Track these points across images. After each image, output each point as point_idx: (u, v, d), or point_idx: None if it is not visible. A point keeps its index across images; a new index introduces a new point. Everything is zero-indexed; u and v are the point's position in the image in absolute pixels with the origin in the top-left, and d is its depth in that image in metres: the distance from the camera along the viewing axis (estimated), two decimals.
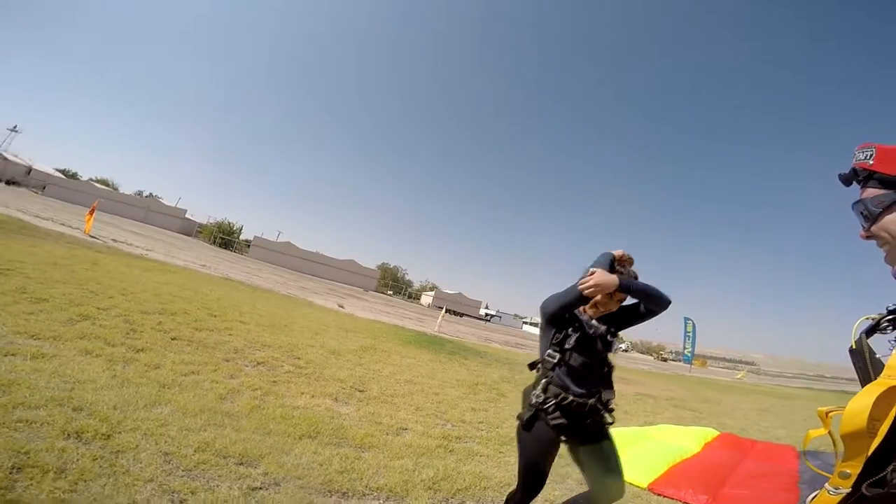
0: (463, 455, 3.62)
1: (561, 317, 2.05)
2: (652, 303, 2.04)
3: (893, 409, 0.80)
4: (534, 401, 1.96)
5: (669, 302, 2.06)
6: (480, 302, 64.87)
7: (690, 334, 29.52)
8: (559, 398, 1.93)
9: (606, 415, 2.02)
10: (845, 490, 0.84)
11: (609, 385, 2.05)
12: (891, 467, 0.79)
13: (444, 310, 22.13)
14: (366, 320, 12.64)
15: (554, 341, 2.03)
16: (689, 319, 30.25)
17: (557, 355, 2.00)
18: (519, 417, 2.03)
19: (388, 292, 59.23)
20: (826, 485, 0.87)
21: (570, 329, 2.03)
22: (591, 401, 1.94)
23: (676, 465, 3.42)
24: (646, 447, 3.75)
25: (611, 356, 2.09)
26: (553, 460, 2.01)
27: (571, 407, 1.92)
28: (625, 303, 2.11)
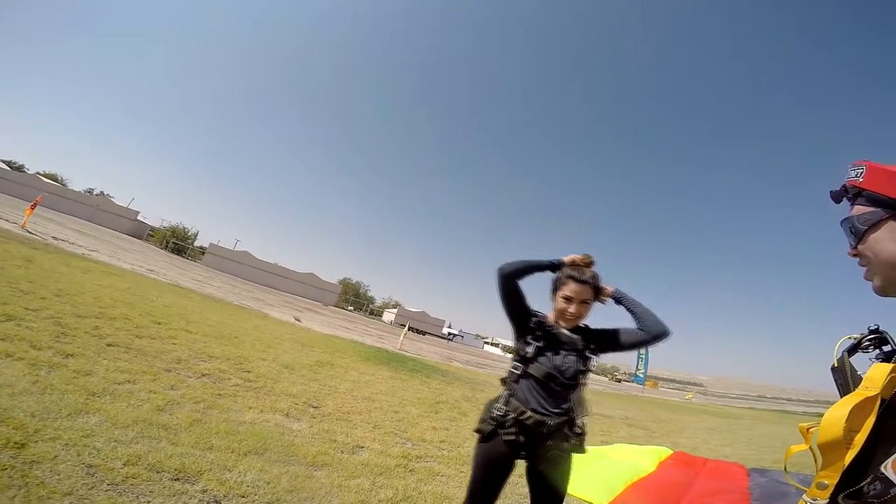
0: (423, 475, 3.50)
1: (517, 293, 1.93)
2: (644, 322, 1.91)
3: (869, 420, 0.79)
4: (494, 413, 1.84)
5: (665, 330, 1.91)
6: (444, 321, 64.51)
7: (644, 356, 30.64)
8: (517, 413, 1.81)
9: (567, 441, 1.84)
10: (823, 501, 0.82)
11: (575, 404, 1.88)
12: (867, 479, 0.78)
13: (406, 327, 21.80)
14: (323, 335, 12.22)
15: (517, 350, 1.92)
16: None
17: (521, 366, 1.88)
18: (478, 430, 1.89)
19: (349, 308, 57.93)
20: (804, 496, 0.85)
21: (529, 337, 1.91)
22: (553, 421, 1.79)
23: (634, 483, 3.44)
24: (603, 466, 3.76)
25: (589, 375, 1.93)
26: (505, 479, 1.87)
27: (529, 424, 1.79)
28: (606, 327, 1.99)
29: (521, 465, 1.90)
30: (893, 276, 0.86)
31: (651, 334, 1.91)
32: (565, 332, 1.94)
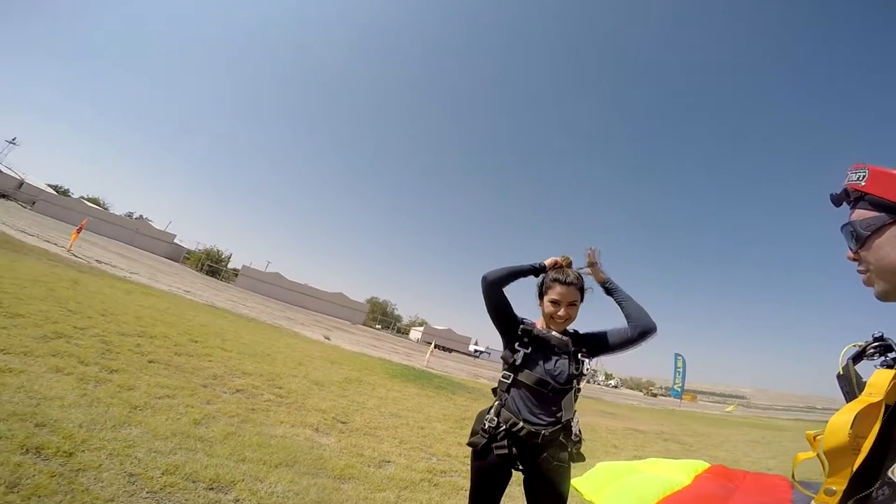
0: (448, 489, 3.50)
1: (502, 301, 1.89)
2: (632, 317, 1.87)
3: (875, 426, 0.79)
4: (486, 425, 1.78)
5: (652, 327, 1.86)
6: (470, 338, 64.03)
7: (681, 370, 29.54)
8: (509, 424, 1.74)
9: (564, 451, 1.74)
10: None
11: (571, 413, 1.75)
12: (876, 485, 0.77)
13: (432, 345, 21.76)
14: (352, 353, 12.37)
15: (506, 358, 1.87)
16: (679, 355, 30.43)
17: (511, 375, 1.82)
18: (471, 444, 1.82)
19: (377, 326, 58.36)
20: (812, 502, 0.84)
21: (517, 344, 1.86)
22: (547, 430, 1.70)
23: (667, 497, 3.30)
24: (635, 480, 3.63)
25: (584, 379, 1.86)
26: (502, 491, 1.80)
27: (522, 435, 1.71)
28: (591, 331, 1.94)
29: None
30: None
31: (637, 331, 1.85)
32: (555, 335, 1.89)
